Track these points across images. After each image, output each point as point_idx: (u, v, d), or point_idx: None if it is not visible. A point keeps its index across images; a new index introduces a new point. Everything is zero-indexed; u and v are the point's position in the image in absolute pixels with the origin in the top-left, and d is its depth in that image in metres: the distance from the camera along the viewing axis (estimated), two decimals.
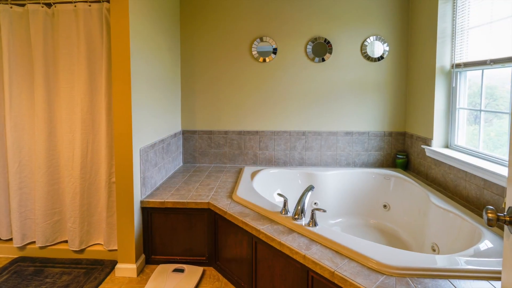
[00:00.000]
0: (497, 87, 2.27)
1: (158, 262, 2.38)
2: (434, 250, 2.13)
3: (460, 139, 2.57)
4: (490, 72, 2.24)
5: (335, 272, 1.43)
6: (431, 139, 2.69)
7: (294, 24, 3.19)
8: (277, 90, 3.27)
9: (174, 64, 3.13)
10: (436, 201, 2.27)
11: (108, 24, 2.29)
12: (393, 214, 2.82)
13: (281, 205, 2.22)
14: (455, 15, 2.55)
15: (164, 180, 2.81)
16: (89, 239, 2.46)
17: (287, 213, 1.99)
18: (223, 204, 2.25)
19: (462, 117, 2.57)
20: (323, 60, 3.20)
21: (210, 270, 2.34)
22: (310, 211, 1.88)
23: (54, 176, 2.44)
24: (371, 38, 3.15)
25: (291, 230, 1.84)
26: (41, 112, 2.37)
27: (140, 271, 2.29)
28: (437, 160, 2.60)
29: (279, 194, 2.13)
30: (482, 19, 2.26)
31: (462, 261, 1.46)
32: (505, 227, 0.91)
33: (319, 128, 3.28)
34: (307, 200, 1.94)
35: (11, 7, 2.35)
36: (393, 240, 2.61)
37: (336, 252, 1.60)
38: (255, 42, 3.21)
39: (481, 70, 2.28)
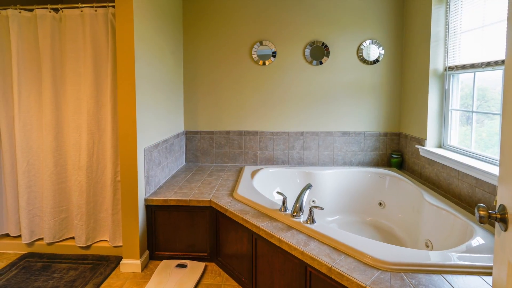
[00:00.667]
0: (489, 89, 2.30)
1: (161, 258, 2.44)
2: (427, 246, 2.16)
3: (453, 139, 2.62)
4: (482, 75, 2.27)
5: (332, 267, 1.46)
6: (425, 139, 2.74)
7: (293, 29, 3.25)
8: (276, 92, 3.33)
9: (177, 67, 3.19)
10: (430, 199, 2.30)
11: (113, 28, 2.34)
12: (388, 211, 2.87)
13: (280, 203, 2.27)
14: (448, 20, 2.60)
15: (168, 179, 2.87)
16: (95, 236, 2.51)
17: (286, 211, 2.03)
18: (224, 202, 2.30)
19: (454, 118, 2.61)
20: (321, 63, 3.26)
21: (212, 266, 2.39)
22: (308, 208, 1.90)
23: (61, 175, 2.49)
24: (367, 41, 3.21)
25: (290, 227, 1.87)
26: (48, 113, 2.42)
27: (144, 267, 2.35)
28: (431, 160, 2.65)
29: (278, 192, 2.16)
30: (474, 23, 2.29)
31: (454, 257, 1.49)
32: (496, 224, 0.92)
33: (316, 129, 3.34)
34: (305, 198, 1.98)
35: (19, 12, 2.40)
36: (388, 236, 2.66)
37: (333, 248, 1.63)
38: (255, 46, 3.28)
39: (473, 73, 2.32)
